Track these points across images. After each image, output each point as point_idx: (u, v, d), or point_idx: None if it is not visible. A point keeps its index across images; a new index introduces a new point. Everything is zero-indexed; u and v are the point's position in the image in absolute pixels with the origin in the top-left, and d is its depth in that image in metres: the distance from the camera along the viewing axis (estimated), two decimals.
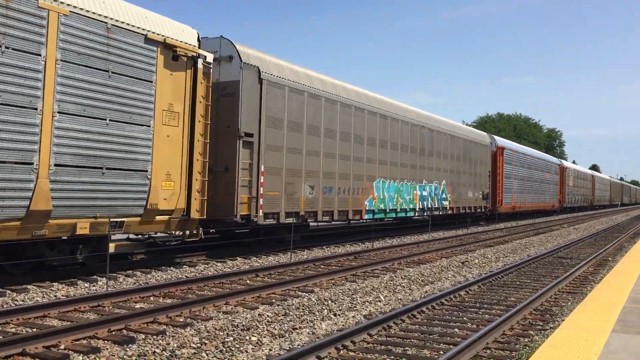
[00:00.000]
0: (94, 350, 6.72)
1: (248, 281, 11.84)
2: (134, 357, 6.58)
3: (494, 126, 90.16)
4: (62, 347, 6.87)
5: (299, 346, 7.22)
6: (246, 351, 7.01)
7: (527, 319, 9.19)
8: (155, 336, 7.42)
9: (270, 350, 7.11)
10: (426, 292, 11.52)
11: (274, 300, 9.86)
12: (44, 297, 9.61)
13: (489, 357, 7.12)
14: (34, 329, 7.53)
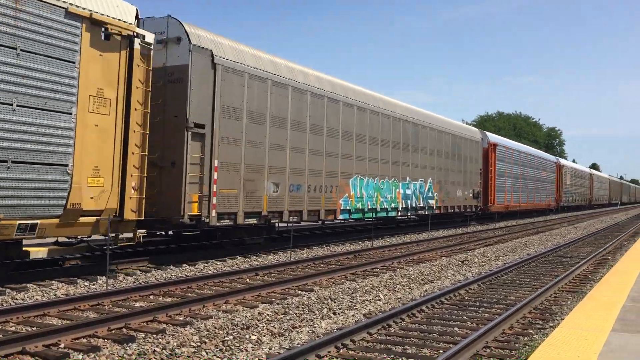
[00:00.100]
0: (94, 349, 6.72)
1: (248, 280, 11.84)
2: (133, 356, 6.58)
3: (494, 125, 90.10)
4: (62, 345, 6.87)
5: (299, 345, 7.22)
6: (246, 350, 7.01)
7: (526, 318, 9.19)
8: (155, 335, 7.41)
9: (270, 349, 7.12)
10: (426, 290, 11.52)
11: (273, 299, 9.86)
12: (43, 295, 9.61)
13: (488, 356, 7.12)
14: (34, 328, 7.53)
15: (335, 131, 18.55)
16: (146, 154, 11.57)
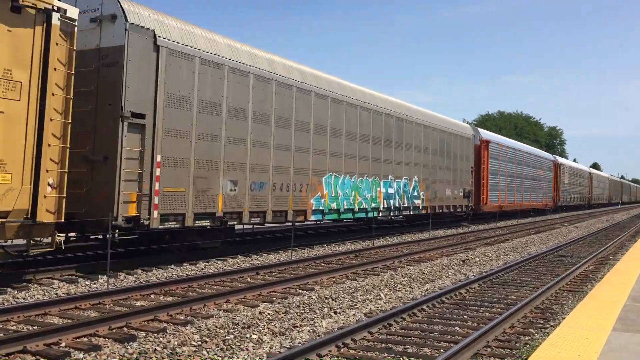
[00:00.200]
0: (95, 348, 6.73)
1: (249, 279, 11.84)
2: (134, 355, 6.58)
3: (495, 124, 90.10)
4: (63, 344, 6.87)
5: (300, 344, 7.22)
6: (247, 349, 7.02)
7: (527, 317, 9.19)
8: (156, 334, 7.42)
9: (270, 348, 7.12)
10: (427, 290, 11.52)
11: (274, 298, 9.86)
12: (44, 294, 9.62)
13: (489, 356, 7.12)
14: (35, 327, 7.53)
15: (306, 124, 17.00)
16: (68, 146, 10.02)
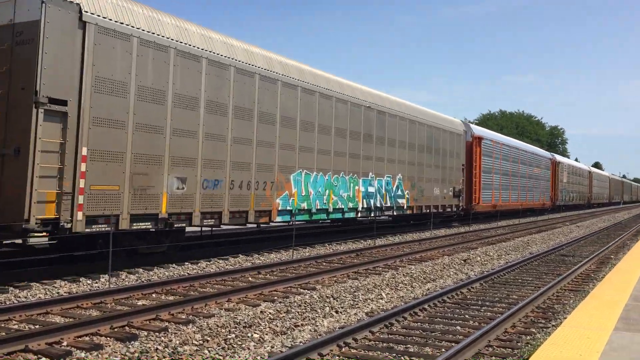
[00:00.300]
0: (97, 347, 6.73)
1: (250, 278, 11.85)
2: (136, 354, 6.59)
3: (497, 123, 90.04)
4: (65, 343, 6.88)
5: (301, 343, 7.22)
6: (248, 348, 7.02)
7: (529, 317, 9.19)
8: (157, 333, 7.43)
9: (272, 347, 7.12)
10: (428, 289, 11.52)
11: (275, 298, 9.86)
12: (46, 294, 9.63)
13: (491, 355, 7.11)
14: (37, 326, 7.55)
15: (271, 116, 15.48)
16: None
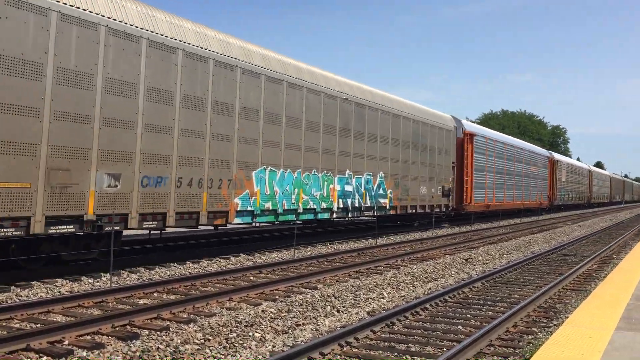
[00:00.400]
0: (98, 346, 6.74)
1: (251, 277, 11.85)
2: (137, 353, 6.59)
3: (498, 123, 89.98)
4: (66, 342, 6.89)
5: (302, 342, 7.22)
6: (250, 347, 7.02)
7: (530, 316, 9.18)
8: (159, 332, 7.43)
9: (273, 346, 7.12)
10: (429, 289, 11.51)
11: (277, 297, 9.87)
12: (48, 292, 9.64)
13: (492, 354, 7.11)
14: (38, 325, 7.56)
15: (230, 107, 13.96)
16: None
